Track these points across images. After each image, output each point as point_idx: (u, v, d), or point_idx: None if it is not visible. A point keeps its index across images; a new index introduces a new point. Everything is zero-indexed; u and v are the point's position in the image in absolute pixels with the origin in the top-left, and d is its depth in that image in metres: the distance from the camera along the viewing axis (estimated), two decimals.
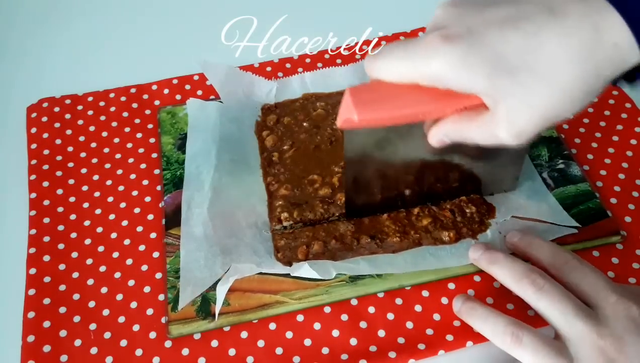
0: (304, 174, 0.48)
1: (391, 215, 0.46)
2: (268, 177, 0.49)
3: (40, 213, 0.48)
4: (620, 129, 0.52)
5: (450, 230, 0.45)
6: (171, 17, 0.64)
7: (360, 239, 0.45)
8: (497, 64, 0.31)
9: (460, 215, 0.46)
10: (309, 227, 0.46)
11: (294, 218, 0.45)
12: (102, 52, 0.61)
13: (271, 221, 0.46)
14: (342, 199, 0.46)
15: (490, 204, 0.47)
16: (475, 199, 0.46)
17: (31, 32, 0.63)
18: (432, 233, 0.45)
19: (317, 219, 0.46)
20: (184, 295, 0.42)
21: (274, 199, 0.47)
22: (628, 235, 0.45)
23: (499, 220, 0.46)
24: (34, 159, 0.51)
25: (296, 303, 0.42)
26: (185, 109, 0.54)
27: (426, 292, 0.43)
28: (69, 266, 0.45)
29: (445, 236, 0.45)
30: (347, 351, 0.40)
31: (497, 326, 0.38)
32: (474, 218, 0.46)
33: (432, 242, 0.45)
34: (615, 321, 0.35)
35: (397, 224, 0.45)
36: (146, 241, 0.46)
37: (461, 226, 0.45)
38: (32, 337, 0.41)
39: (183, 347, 0.41)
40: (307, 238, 0.45)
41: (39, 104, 0.55)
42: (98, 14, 0.65)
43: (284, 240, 0.45)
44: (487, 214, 0.46)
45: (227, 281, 0.40)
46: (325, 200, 0.46)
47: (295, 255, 0.44)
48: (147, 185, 0.50)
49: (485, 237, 0.45)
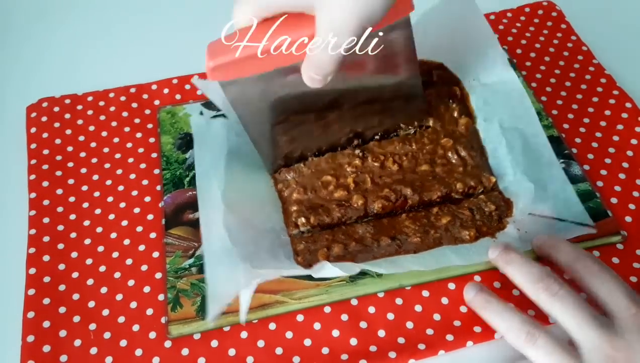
0: (316, 175, 0.48)
1: (410, 215, 0.46)
2: (278, 184, 0.48)
3: (40, 213, 0.48)
4: (620, 129, 0.52)
5: (470, 229, 0.45)
6: (171, 17, 0.64)
7: (381, 241, 0.44)
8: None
9: (479, 213, 0.45)
10: (328, 230, 0.45)
11: (311, 222, 0.45)
12: (101, 51, 0.61)
13: (288, 227, 0.46)
14: (359, 203, 0.46)
15: (509, 200, 0.46)
16: (494, 196, 0.46)
17: (31, 31, 0.63)
18: (452, 232, 0.45)
19: (334, 223, 0.45)
20: (213, 311, 0.40)
21: (288, 204, 0.47)
22: (628, 235, 0.45)
23: (516, 218, 0.45)
24: (33, 159, 0.51)
25: (296, 303, 0.42)
26: (185, 109, 0.54)
27: (426, 292, 0.43)
28: (69, 266, 0.45)
29: (465, 235, 0.44)
30: (347, 351, 0.40)
31: (512, 323, 0.38)
32: (493, 216, 0.45)
33: (452, 241, 0.44)
34: (631, 334, 0.35)
35: (417, 224, 0.45)
36: (146, 241, 0.46)
37: (480, 225, 0.45)
38: (32, 337, 0.41)
39: (183, 347, 0.41)
40: (326, 241, 0.44)
41: (39, 104, 0.55)
42: (98, 13, 0.65)
43: (303, 243, 0.44)
44: (506, 211, 0.46)
45: (250, 286, 0.40)
46: (341, 203, 0.46)
47: (315, 258, 0.43)
48: (146, 185, 0.49)
49: (504, 236, 0.45)
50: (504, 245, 0.41)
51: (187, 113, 0.53)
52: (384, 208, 0.46)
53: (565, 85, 0.55)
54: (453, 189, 0.46)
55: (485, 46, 0.51)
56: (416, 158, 0.48)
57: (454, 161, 0.48)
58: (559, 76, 0.56)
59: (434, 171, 0.47)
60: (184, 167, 0.50)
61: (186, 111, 0.54)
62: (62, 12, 0.65)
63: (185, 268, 0.44)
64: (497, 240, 0.44)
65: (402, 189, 0.46)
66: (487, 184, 0.46)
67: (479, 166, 0.47)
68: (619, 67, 0.57)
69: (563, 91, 0.55)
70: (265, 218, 0.46)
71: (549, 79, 0.56)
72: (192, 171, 0.50)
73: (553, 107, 0.54)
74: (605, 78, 0.56)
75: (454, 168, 0.47)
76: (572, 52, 0.58)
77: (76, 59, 0.60)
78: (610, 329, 0.35)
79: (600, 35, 0.60)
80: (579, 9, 0.62)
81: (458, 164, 0.47)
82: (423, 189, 0.46)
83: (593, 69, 0.57)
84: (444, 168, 0.47)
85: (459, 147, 0.48)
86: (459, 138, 0.49)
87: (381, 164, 0.47)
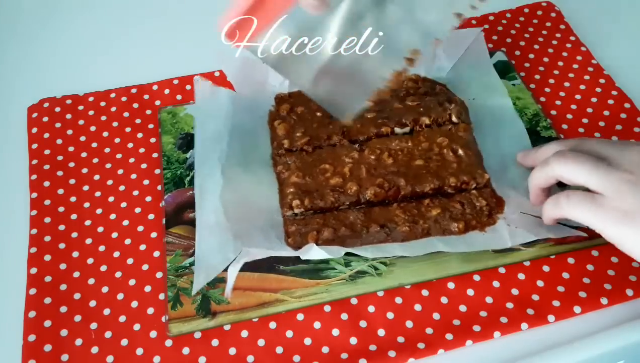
0: (315, 163, 0.48)
1: (401, 205, 0.46)
2: (279, 166, 0.49)
3: (41, 213, 0.48)
4: (619, 129, 0.52)
5: (459, 221, 0.45)
6: (171, 17, 0.64)
7: (370, 227, 0.45)
8: None
9: (469, 207, 0.46)
10: (320, 214, 0.46)
11: (305, 205, 0.46)
12: (102, 52, 0.61)
13: (282, 208, 0.46)
14: (352, 189, 0.46)
15: (500, 198, 0.47)
16: (486, 192, 0.47)
17: (32, 32, 0.64)
18: (441, 223, 0.45)
19: (327, 207, 0.46)
20: (198, 281, 0.42)
21: (285, 186, 0.47)
22: None
23: (507, 215, 0.46)
24: (35, 159, 0.51)
25: (296, 301, 0.43)
26: (186, 109, 0.54)
27: (426, 291, 0.43)
28: (70, 266, 0.45)
29: (454, 227, 0.45)
30: (347, 350, 0.41)
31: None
32: (483, 211, 0.46)
33: (441, 232, 0.45)
34: (630, 157, 0.39)
35: (407, 213, 0.46)
36: (147, 241, 0.46)
37: (470, 219, 0.46)
38: (33, 336, 0.42)
39: (183, 346, 0.41)
40: (317, 225, 0.45)
41: (40, 104, 0.55)
42: (99, 14, 0.65)
43: (294, 225, 0.45)
44: (497, 208, 0.46)
45: (238, 263, 0.41)
46: (336, 189, 0.46)
47: (305, 240, 0.44)
48: (147, 185, 0.50)
49: (493, 230, 0.45)
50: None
51: (188, 113, 0.54)
52: (377, 195, 0.46)
53: (564, 85, 0.56)
54: (446, 183, 0.47)
55: (487, 75, 0.56)
56: (412, 153, 0.48)
57: (449, 158, 0.48)
58: (557, 77, 0.56)
59: (428, 166, 0.48)
60: (185, 167, 0.50)
61: (187, 112, 0.54)
62: (63, 13, 0.65)
63: (186, 267, 0.44)
64: (486, 234, 0.45)
65: (395, 180, 0.47)
66: (480, 180, 0.47)
67: (473, 165, 0.48)
68: (618, 67, 0.57)
69: (562, 92, 0.55)
70: (261, 196, 0.47)
71: (548, 79, 0.56)
72: (192, 171, 0.50)
73: (552, 108, 0.54)
74: (604, 78, 0.56)
75: (448, 164, 0.48)
76: (571, 53, 0.58)
77: (77, 60, 0.61)
78: (612, 165, 0.39)
79: (599, 35, 0.60)
80: (578, 9, 0.62)
81: (453, 161, 0.48)
82: (416, 181, 0.47)
83: (592, 69, 0.57)
84: (439, 164, 0.48)
85: (455, 146, 0.49)
86: (455, 138, 0.49)
87: (377, 157, 0.48)
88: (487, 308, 0.42)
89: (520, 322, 0.41)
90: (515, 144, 0.50)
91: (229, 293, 0.41)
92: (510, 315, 0.42)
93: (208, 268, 0.42)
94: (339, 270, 0.44)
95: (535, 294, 0.43)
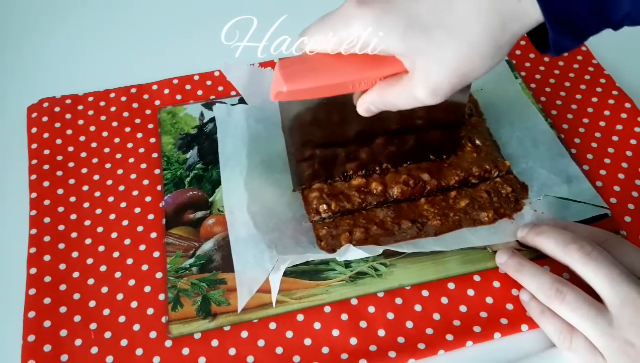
0: None
1: (428, 199, 0.46)
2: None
3: (41, 213, 0.48)
4: (620, 129, 0.52)
5: (488, 211, 0.46)
6: (171, 17, 0.64)
7: (402, 224, 0.45)
8: (410, 23, 0.33)
9: (496, 195, 0.46)
10: (348, 215, 0.46)
11: (332, 209, 0.46)
12: (102, 52, 0.61)
13: (309, 214, 0.46)
14: (378, 189, 0.46)
15: (524, 184, 0.48)
16: (509, 179, 0.47)
17: (31, 31, 0.63)
18: (471, 214, 0.46)
19: (355, 209, 0.46)
20: (242, 296, 0.41)
21: (308, 192, 0.47)
22: (628, 235, 0.45)
23: (532, 200, 0.47)
24: (34, 159, 0.51)
25: (296, 302, 0.43)
26: (186, 109, 0.54)
27: (426, 292, 0.43)
28: (70, 266, 0.45)
29: (483, 217, 0.45)
30: (347, 350, 0.41)
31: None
32: (510, 198, 0.46)
33: (471, 223, 0.45)
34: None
35: (436, 207, 0.46)
36: (146, 241, 0.46)
37: (498, 207, 0.46)
38: (33, 336, 0.41)
39: (183, 347, 0.41)
40: (348, 226, 0.45)
41: (40, 104, 0.55)
42: (98, 13, 0.65)
43: (325, 229, 0.45)
44: (522, 193, 0.47)
45: (279, 270, 0.41)
46: (360, 189, 0.46)
47: (338, 242, 0.44)
48: (147, 185, 0.50)
49: (521, 216, 0.46)
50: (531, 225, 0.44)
51: (187, 113, 0.54)
52: (403, 193, 0.46)
53: (565, 85, 0.56)
54: (470, 173, 0.47)
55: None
56: None
57: (468, 148, 0.48)
58: (558, 77, 0.56)
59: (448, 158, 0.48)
60: (185, 167, 0.50)
61: (187, 112, 0.54)
62: (62, 13, 0.65)
63: (186, 268, 0.44)
64: (514, 221, 0.45)
65: (420, 175, 0.47)
66: (502, 168, 0.48)
67: (492, 153, 0.48)
68: (619, 67, 0.57)
69: (562, 91, 0.55)
70: (286, 206, 0.47)
71: (548, 79, 0.56)
72: (192, 171, 0.50)
73: (552, 108, 0.54)
74: (604, 78, 0.56)
75: (468, 155, 0.48)
76: (571, 53, 0.58)
77: (77, 60, 0.60)
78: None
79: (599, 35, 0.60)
80: None
81: (472, 151, 0.48)
82: (440, 174, 0.47)
83: (592, 69, 0.57)
84: (459, 156, 0.48)
85: (473, 136, 0.49)
86: (471, 129, 0.50)
87: None
88: (487, 308, 0.42)
89: (520, 323, 0.41)
90: (531, 127, 0.51)
91: (275, 301, 0.41)
92: (511, 315, 0.42)
93: (249, 282, 0.42)
94: (339, 271, 0.44)
95: None
